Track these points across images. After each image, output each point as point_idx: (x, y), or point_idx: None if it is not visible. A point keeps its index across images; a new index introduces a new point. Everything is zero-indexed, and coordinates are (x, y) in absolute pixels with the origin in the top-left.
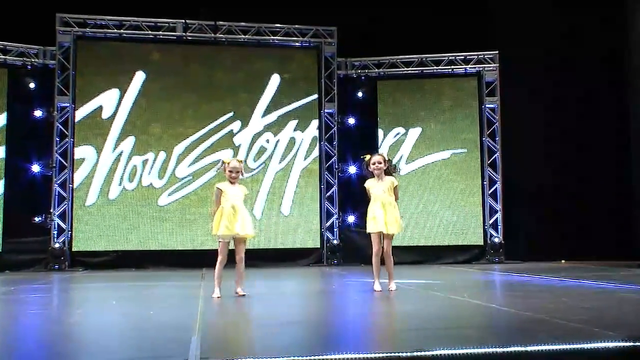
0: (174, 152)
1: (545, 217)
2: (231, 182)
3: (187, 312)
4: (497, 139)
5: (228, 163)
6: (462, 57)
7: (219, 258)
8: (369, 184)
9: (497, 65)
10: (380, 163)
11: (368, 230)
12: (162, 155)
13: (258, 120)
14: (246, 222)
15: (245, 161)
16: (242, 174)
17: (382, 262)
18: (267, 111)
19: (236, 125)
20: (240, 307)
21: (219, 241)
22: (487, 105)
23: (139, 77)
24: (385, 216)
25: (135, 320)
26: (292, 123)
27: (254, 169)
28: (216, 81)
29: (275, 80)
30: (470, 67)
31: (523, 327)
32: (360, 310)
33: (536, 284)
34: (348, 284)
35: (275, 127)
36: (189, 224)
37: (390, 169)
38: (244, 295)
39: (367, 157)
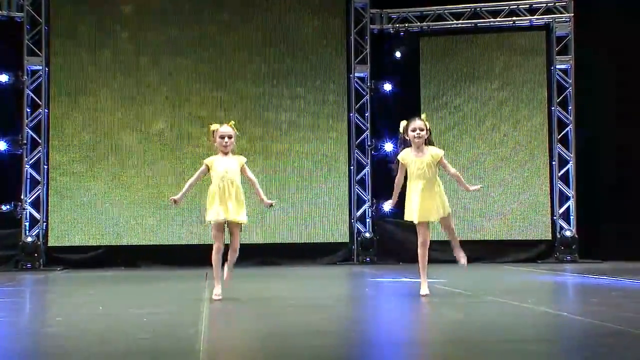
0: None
1: (631, 207)
2: (224, 153)
3: (188, 318)
4: (569, 108)
5: (216, 130)
6: (527, 6)
7: (215, 245)
8: (405, 156)
9: (571, 15)
10: (422, 130)
11: (405, 218)
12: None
13: (268, 87)
14: (239, 204)
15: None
16: (233, 140)
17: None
18: (281, 75)
19: (243, 91)
20: (253, 313)
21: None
22: (557, 67)
23: (130, 31)
24: (426, 200)
25: (127, 329)
26: (314, 90)
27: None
28: (210, 40)
29: (291, 37)
30: (536, 19)
31: (600, 342)
32: (400, 319)
33: (618, 288)
34: (384, 287)
35: (292, 94)
36: (189, 213)
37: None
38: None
39: (404, 122)
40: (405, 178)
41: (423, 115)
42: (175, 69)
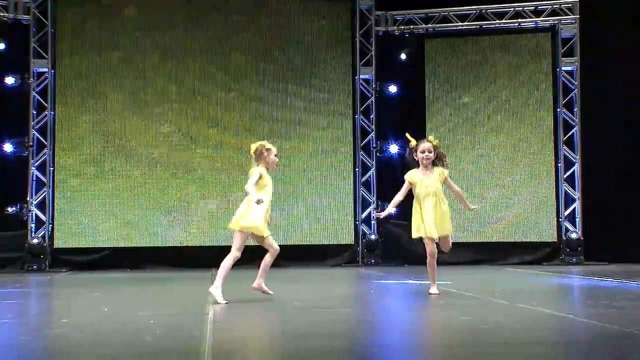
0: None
1: (637, 208)
2: (269, 169)
3: (194, 320)
4: (575, 110)
5: (270, 149)
6: (532, 8)
7: (235, 255)
8: (413, 176)
9: (577, 17)
10: (430, 152)
11: (414, 236)
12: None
13: (274, 88)
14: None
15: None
16: None
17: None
18: (286, 77)
19: (250, 92)
20: (258, 315)
21: (241, 232)
22: (563, 68)
23: (137, 32)
24: (438, 216)
25: (132, 330)
26: (319, 91)
27: None
28: (217, 41)
29: (296, 39)
30: (542, 20)
31: (608, 344)
32: (406, 321)
33: (625, 290)
34: (390, 289)
35: (297, 96)
36: (195, 216)
37: (439, 159)
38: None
39: (413, 142)
40: (411, 196)
41: (431, 137)
42: (182, 70)
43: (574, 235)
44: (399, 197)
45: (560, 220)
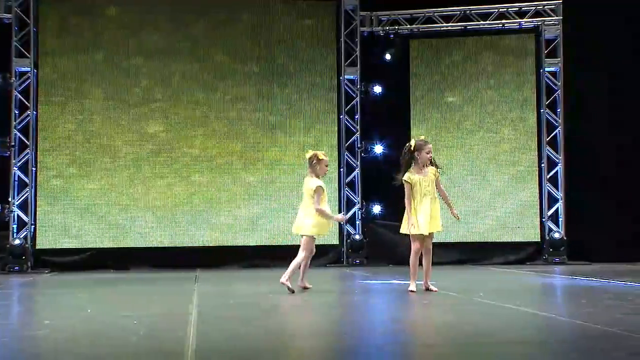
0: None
1: (620, 208)
2: (319, 177)
3: (178, 320)
4: (558, 110)
5: (323, 159)
6: (516, 9)
7: (308, 254)
8: (411, 177)
9: (560, 18)
10: (431, 153)
11: (402, 231)
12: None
13: (258, 89)
14: None
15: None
16: None
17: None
18: (271, 77)
19: (234, 92)
20: (242, 315)
21: (313, 237)
22: (546, 69)
23: (120, 31)
24: (433, 213)
25: (116, 331)
26: (304, 92)
27: None
28: (201, 42)
29: (281, 39)
30: (526, 21)
31: (591, 344)
32: (390, 320)
33: (608, 290)
34: (374, 289)
35: (282, 96)
36: (180, 216)
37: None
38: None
39: (413, 143)
40: (402, 196)
41: (424, 137)
42: (166, 70)
43: (557, 235)
44: (409, 202)
45: (544, 220)
